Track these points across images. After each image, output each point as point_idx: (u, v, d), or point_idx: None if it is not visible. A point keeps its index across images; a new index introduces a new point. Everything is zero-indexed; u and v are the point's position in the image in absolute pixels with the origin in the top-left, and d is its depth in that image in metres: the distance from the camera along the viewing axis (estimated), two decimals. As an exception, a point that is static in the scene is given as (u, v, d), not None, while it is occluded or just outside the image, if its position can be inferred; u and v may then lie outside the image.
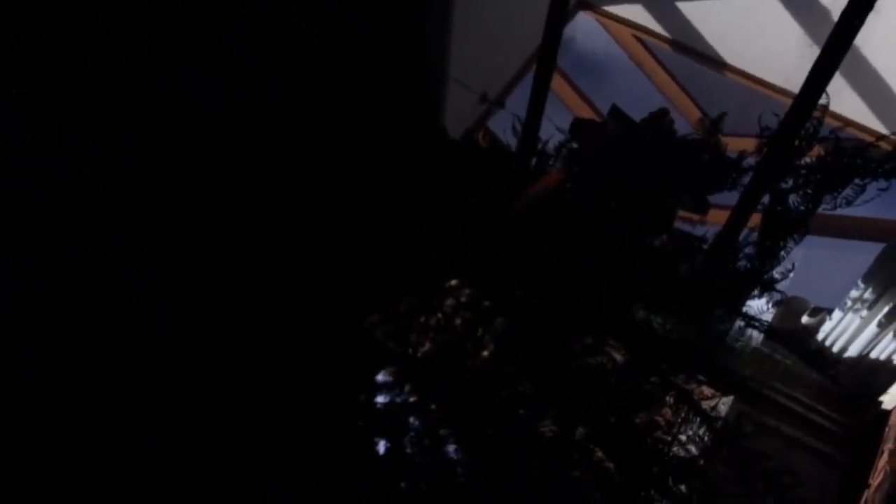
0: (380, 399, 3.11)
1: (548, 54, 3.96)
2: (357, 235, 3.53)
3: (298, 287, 3.25)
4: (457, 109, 5.37)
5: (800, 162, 3.08)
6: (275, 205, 3.22)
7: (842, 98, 4.51)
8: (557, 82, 6.58)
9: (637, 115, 4.41)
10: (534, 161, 4.07)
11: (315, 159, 3.49)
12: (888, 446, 3.60)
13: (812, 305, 4.59)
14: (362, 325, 3.40)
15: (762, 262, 3.13)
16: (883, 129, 5.14)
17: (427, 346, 3.44)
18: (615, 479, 3.04)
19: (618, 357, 3.41)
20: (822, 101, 2.90)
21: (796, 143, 3.07)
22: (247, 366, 2.90)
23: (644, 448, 3.13)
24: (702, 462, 3.17)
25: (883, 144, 3.22)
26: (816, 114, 3.01)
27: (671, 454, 3.24)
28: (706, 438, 3.36)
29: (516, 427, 3.10)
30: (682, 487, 3.08)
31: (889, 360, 3.87)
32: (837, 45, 2.99)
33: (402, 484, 2.99)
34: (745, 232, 3.33)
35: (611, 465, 3.09)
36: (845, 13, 2.80)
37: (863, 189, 3.05)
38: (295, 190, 3.34)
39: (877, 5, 2.72)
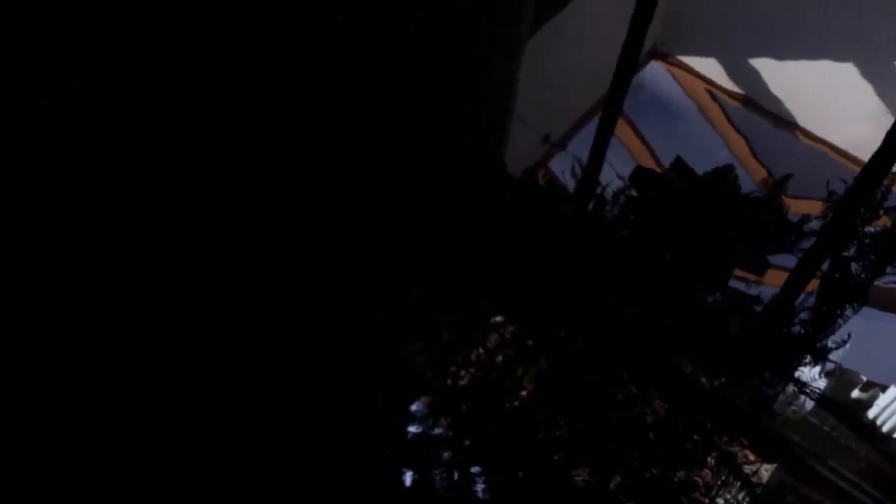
0: (412, 429, 3.10)
1: (615, 100, 3.96)
2: (408, 264, 3.54)
3: (337, 307, 3.27)
4: (519, 148, 5.39)
5: (864, 230, 3.01)
6: (320, 224, 3.24)
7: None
8: (621, 128, 6.56)
9: (699, 168, 4.37)
10: (591, 205, 4.05)
11: (371, 184, 3.52)
12: (935, 534, 3.44)
13: (865, 380, 4.44)
14: (403, 353, 3.41)
15: (817, 329, 3.05)
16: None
17: (466, 380, 3.43)
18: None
19: (660, 411, 3.34)
20: (894, 169, 2.83)
21: (862, 210, 3.00)
22: (270, 381, 2.90)
23: (679, 507, 3.05)
24: (737, 529, 3.07)
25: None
26: (886, 182, 2.94)
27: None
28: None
29: (549, 472, 3.05)
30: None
31: (945, 444, 3.71)
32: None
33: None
34: (801, 297, 3.25)
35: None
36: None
37: (929, 262, 2.96)
38: (345, 212, 3.36)
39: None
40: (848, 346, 3.21)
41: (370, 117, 3.45)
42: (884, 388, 4.13)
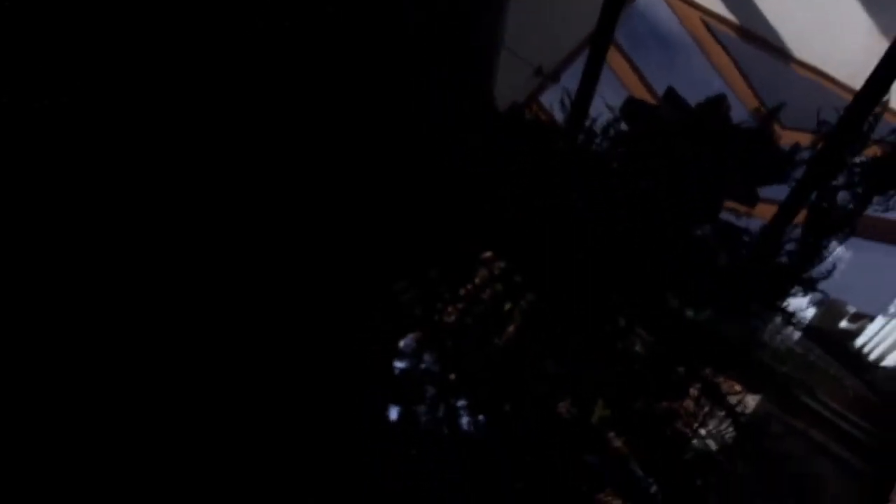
0: (399, 364, 3.11)
1: (604, 30, 3.88)
2: (394, 199, 3.51)
3: (328, 248, 3.25)
4: (510, 81, 5.29)
5: (854, 160, 2.97)
6: (304, 169, 3.20)
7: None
8: (615, 58, 6.44)
9: (694, 98, 4.29)
10: (580, 138, 3.99)
11: (356, 117, 3.46)
12: (918, 461, 3.49)
13: (853, 311, 4.45)
14: (390, 290, 3.40)
15: (804, 260, 3.04)
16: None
17: (453, 316, 3.43)
18: (631, 466, 3.00)
19: (646, 343, 3.35)
20: (886, 98, 2.78)
21: (853, 140, 2.95)
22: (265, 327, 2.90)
23: (662, 438, 3.08)
24: (721, 457, 3.11)
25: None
26: (877, 111, 2.89)
27: (691, 446, 3.19)
28: (728, 434, 3.30)
29: (534, 405, 3.08)
30: (699, 481, 3.04)
31: (929, 373, 3.74)
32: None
33: (413, 451, 3.00)
34: (789, 229, 3.23)
35: (627, 451, 3.05)
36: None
37: (918, 193, 2.93)
38: (330, 150, 3.31)
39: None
40: (836, 277, 3.20)
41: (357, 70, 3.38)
42: (872, 319, 4.14)
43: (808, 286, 3.20)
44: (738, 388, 3.59)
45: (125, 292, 2.54)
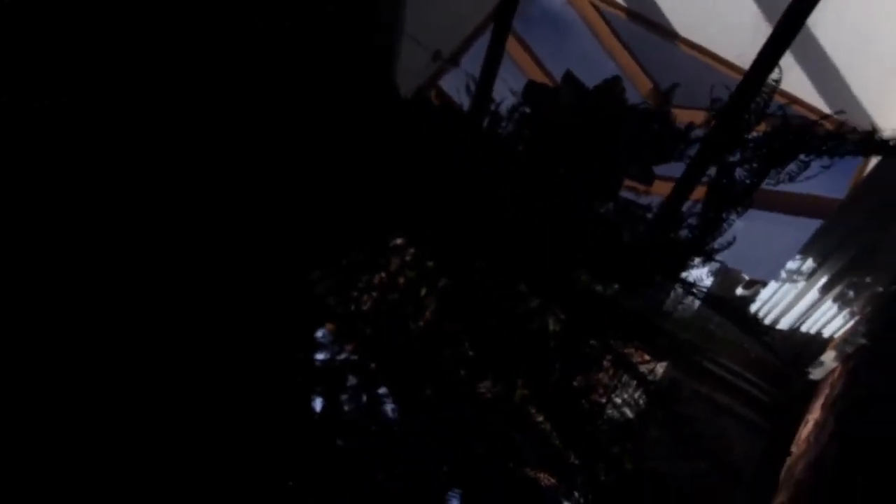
0: (319, 356, 3.09)
1: (505, 13, 3.93)
2: (301, 190, 3.46)
3: (238, 242, 3.19)
4: (410, 66, 5.28)
5: (747, 136, 3.13)
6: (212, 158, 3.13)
7: (790, 76, 4.60)
8: (511, 44, 6.52)
9: (589, 81, 4.40)
10: (486, 122, 4.04)
11: (255, 111, 3.40)
12: (813, 416, 3.74)
13: (747, 278, 4.71)
14: (304, 281, 3.36)
15: (704, 233, 3.19)
16: (827, 109, 5.27)
17: (369, 304, 3.42)
18: (552, 440, 3.09)
19: (559, 320, 3.45)
20: (775, 75, 2.93)
21: (745, 117, 3.11)
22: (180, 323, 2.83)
23: (580, 410, 3.19)
24: (636, 424, 3.24)
25: (826, 124, 3.29)
26: (766, 89, 3.05)
27: (606, 416, 3.31)
28: (640, 402, 3.44)
29: (456, 388, 3.12)
30: (616, 448, 3.16)
31: (819, 332, 4.00)
32: (790, 23, 3.03)
33: (339, 442, 2.99)
34: (689, 204, 3.38)
35: (548, 426, 3.14)
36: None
37: (806, 165, 3.12)
38: (234, 142, 3.25)
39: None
40: (731, 247, 3.38)
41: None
42: (764, 284, 4.39)
43: (708, 257, 3.36)
44: (646, 357, 3.75)
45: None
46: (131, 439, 2.59)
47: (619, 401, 3.38)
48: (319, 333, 3.27)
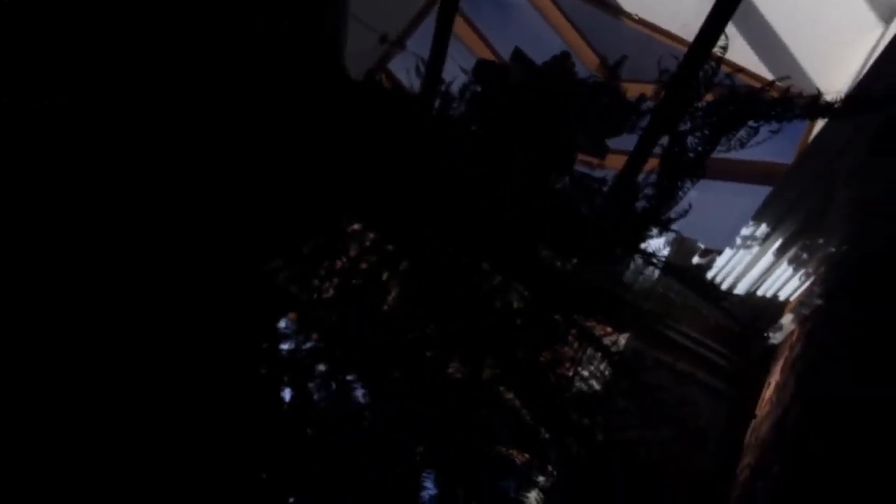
0: (284, 346, 3.04)
1: (451, -8, 3.90)
2: (254, 179, 3.40)
3: (194, 235, 3.12)
4: (357, 50, 5.22)
5: (697, 104, 3.16)
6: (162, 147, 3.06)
7: (733, 45, 4.67)
8: (458, 23, 6.49)
9: (537, 58, 4.40)
10: (437, 103, 4.01)
11: (203, 100, 3.32)
12: (774, 379, 3.82)
13: (703, 247, 4.78)
14: (264, 271, 3.31)
15: (661, 202, 3.22)
16: (770, 77, 5.36)
17: (331, 291, 3.38)
18: (522, 417, 3.10)
19: (523, 298, 3.45)
20: (722, 42, 2.96)
21: (694, 85, 3.14)
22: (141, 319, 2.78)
23: (548, 385, 3.20)
24: (603, 396, 3.27)
25: (772, 90, 3.35)
26: (714, 57, 3.09)
27: (574, 389, 3.34)
28: (606, 374, 3.48)
29: (424, 370, 3.11)
30: (585, 420, 3.19)
31: (776, 296, 4.08)
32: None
33: (309, 431, 2.96)
34: (643, 175, 3.41)
35: (517, 403, 3.15)
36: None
37: (756, 131, 3.16)
38: (184, 131, 3.17)
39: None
40: (685, 217, 3.42)
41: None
42: (720, 252, 4.47)
43: (665, 227, 3.39)
44: (608, 329, 3.79)
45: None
46: (101, 433, 2.55)
47: (585, 374, 3.41)
48: (283, 324, 3.22)
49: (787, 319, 3.96)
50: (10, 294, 2.38)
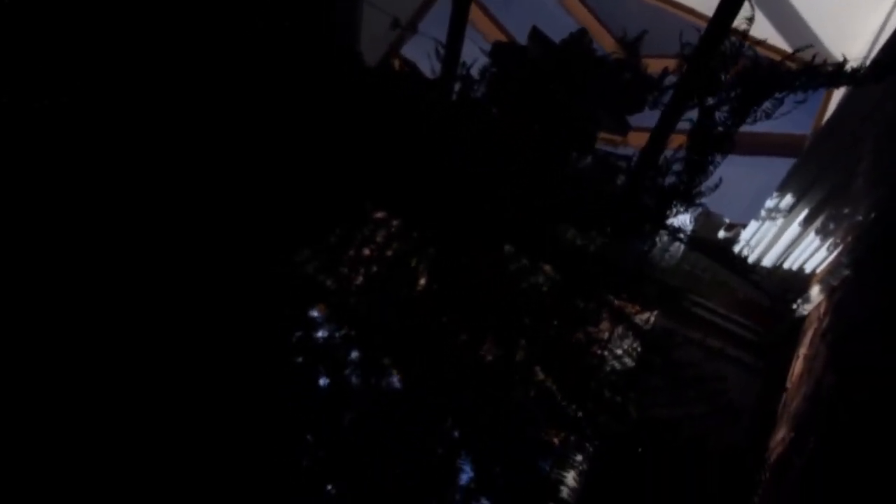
0: (319, 334, 3.05)
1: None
2: (276, 169, 3.40)
3: (222, 230, 3.13)
4: (371, 35, 5.20)
5: (723, 77, 3.12)
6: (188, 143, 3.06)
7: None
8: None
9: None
10: (457, 86, 3.99)
11: (225, 91, 3.32)
12: (803, 351, 3.79)
13: (728, 221, 4.75)
14: (291, 261, 3.31)
15: (691, 178, 3.19)
16: (789, 48, 5.29)
17: (361, 280, 3.39)
18: (556, 397, 3.10)
19: (550, 279, 3.45)
20: (747, 12, 2.93)
21: (720, 58, 3.10)
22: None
23: (582, 364, 3.20)
24: (636, 373, 3.27)
25: (795, 61, 3.31)
26: (739, 28, 3.05)
27: (608, 368, 3.33)
28: (637, 352, 3.47)
29: (456, 354, 3.11)
30: (619, 399, 3.18)
31: (802, 268, 4.05)
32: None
33: (346, 417, 2.97)
34: (671, 151, 3.38)
35: (551, 383, 3.15)
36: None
37: (781, 102, 3.13)
38: (204, 124, 3.17)
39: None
40: (714, 190, 3.39)
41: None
42: (745, 226, 4.43)
43: (692, 202, 3.37)
44: (637, 308, 3.78)
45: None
46: (133, 428, 2.56)
47: (619, 352, 3.41)
48: (314, 313, 3.23)
49: (814, 291, 3.93)
50: (25, 290, 2.40)
